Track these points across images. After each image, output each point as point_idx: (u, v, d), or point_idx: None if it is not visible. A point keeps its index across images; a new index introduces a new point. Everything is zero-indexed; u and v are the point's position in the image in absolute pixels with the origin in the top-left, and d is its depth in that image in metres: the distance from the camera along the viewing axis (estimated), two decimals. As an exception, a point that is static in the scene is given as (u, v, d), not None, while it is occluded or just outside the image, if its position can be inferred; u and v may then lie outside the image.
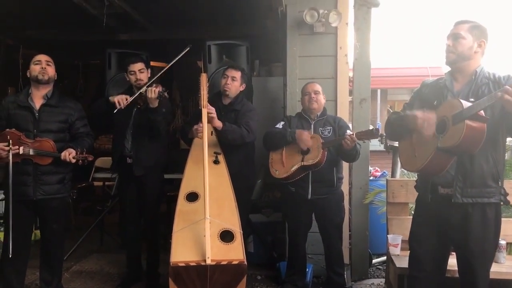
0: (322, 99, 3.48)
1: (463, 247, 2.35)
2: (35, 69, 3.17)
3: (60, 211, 3.26)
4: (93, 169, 5.70)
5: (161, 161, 3.63)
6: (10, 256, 3.02)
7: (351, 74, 4.06)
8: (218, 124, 3.30)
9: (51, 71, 3.21)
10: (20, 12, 4.31)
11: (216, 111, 3.43)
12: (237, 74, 3.53)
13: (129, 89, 3.60)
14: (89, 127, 3.38)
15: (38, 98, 3.19)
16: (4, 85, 4.79)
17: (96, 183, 5.92)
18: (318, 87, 3.49)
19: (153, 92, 3.26)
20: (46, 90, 3.20)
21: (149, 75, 3.57)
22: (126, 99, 3.34)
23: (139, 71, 3.47)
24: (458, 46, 2.31)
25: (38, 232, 3.63)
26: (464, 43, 2.30)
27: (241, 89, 3.58)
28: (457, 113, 2.15)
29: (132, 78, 3.49)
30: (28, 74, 3.22)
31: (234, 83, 3.51)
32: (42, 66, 3.16)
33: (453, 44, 2.32)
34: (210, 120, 3.24)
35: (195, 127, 3.34)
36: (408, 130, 2.40)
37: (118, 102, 3.32)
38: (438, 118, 2.25)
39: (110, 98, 3.44)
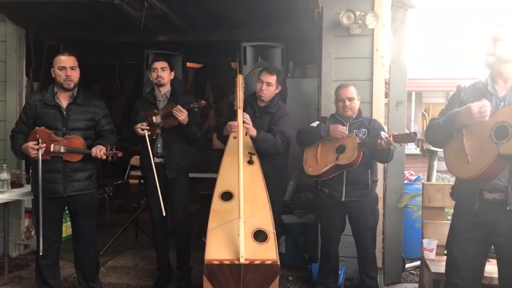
0: (356, 104, 3.40)
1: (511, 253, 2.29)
2: (60, 75, 3.17)
3: (90, 207, 3.33)
4: (129, 167, 5.84)
5: (191, 162, 3.68)
6: (41, 254, 3.11)
7: (387, 76, 4.03)
8: (253, 132, 3.33)
9: (75, 76, 3.21)
10: (63, 14, 4.44)
11: (251, 112, 3.46)
12: (272, 79, 3.48)
13: (150, 92, 3.72)
14: (112, 125, 3.43)
15: (64, 97, 3.23)
16: (46, 84, 4.96)
17: (131, 181, 6.05)
18: (352, 92, 3.38)
19: (181, 113, 3.33)
20: (72, 89, 3.24)
21: (171, 77, 3.63)
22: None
23: (161, 69, 3.53)
24: (497, 48, 2.27)
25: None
26: (503, 45, 2.26)
27: (277, 91, 3.56)
28: None
29: (153, 75, 3.55)
30: (52, 74, 3.23)
31: (269, 88, 3.49)
32: (67, 73, 3.16)
33: (493, 46, 2.28)
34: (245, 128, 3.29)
35: (229, 123, 3.38)
36: (458, 127, 2.30)
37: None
38: (496, 123, 2.18)
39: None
